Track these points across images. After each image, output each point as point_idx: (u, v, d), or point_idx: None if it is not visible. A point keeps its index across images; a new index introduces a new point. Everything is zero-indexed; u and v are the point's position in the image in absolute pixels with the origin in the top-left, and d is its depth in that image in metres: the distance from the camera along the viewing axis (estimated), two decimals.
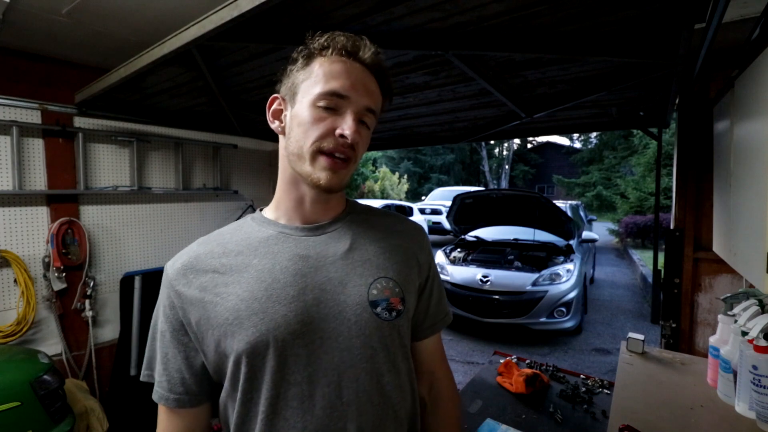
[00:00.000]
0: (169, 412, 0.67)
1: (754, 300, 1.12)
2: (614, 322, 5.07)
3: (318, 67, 0.65)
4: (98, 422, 2.06)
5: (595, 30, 1.20)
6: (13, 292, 2.10)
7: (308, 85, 0.65)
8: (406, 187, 20.20)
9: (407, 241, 0.76)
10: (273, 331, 0.60)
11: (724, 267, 1.81)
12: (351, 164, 0.66)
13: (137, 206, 2.62)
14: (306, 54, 0.67)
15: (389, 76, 0.71)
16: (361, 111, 0.65)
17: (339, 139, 0.63)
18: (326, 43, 0.65)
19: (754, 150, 1.05)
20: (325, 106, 0.63)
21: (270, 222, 0.71)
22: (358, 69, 0.66)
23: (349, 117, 0.63)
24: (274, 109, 0.72)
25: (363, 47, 0.67)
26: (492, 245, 5.34)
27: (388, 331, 0.66)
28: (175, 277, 0.66)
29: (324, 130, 0.63)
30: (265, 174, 3.57)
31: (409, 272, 0.72)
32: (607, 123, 2.45)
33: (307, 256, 0.66)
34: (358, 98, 0.64)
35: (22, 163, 2.12)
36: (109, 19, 1.75)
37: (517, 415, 1.42)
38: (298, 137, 0.65)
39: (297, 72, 0.67)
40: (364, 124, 0.67)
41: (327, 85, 0.63)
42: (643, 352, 1.47)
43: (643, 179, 11.87)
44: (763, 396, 0.97)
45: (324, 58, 0.65)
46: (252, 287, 0.63)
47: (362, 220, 0.76)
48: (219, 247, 0.68)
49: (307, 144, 0.64)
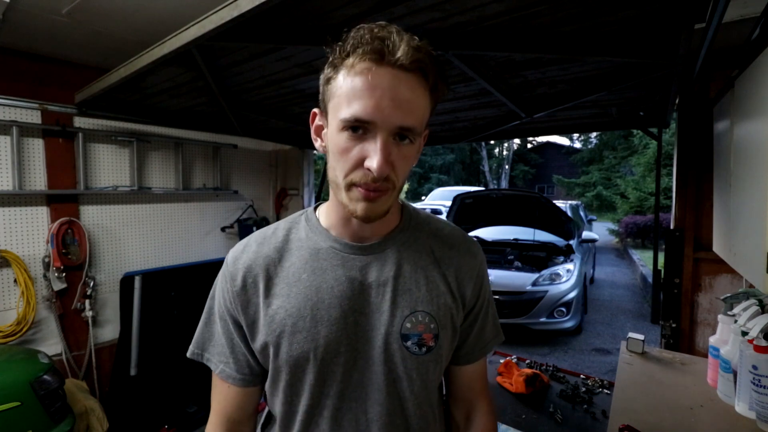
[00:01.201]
0: (233, 389, 0.70)
1: (754, 300, 1.12)
2: (614, 322, 5.07)
3: (341, 83, 0.56)
4: (98, 422, 2.06)
5: (595, 30, 1.20)
6: (13, 292, 2.10)
7: (334, 106, 0.57)
8: (406, 187, 20.20)
9: (456, 269, 0.71)
10: (314, 350, 0.63)
11: (724, 267, 1.80)
12: (391, 192, 0.60)
13: (137, 206, 2.62)
14: (330, 63, 0.58)
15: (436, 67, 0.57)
16: (394, 132, 0.56)
17: (368, 172, 0.56)
18: (349, 47, 0.55)
19: (754, 150, 1.05)
20: (352, 133, 0.56)
21: (323, 231, 0.69)
22: (386, 78, 0.54)
23: (378, 145, 0.55)
24: (316, 125, 0.65)
25: (392, 46, 0.53)
26: (492, 245, 5.34)
27: (414, 365, 0.65)
28: (234, 274, 0.67)
29: (352, 162, 0.56)
30: (265, 174, 3.57)
31: (450, 307, 0.69)
32: (607, 123, 2.45)
33: (353, 279, 0.66)
34: (386, 120, 0.54)
35: (22, 163, 2.12)
36: (109, 19, 1.75)
37: (517, 415, 1.42)
38: (332, 165, 0.60)
39: (324, 86, 0.60)
40: (404, 140, 0.57)
41: (349, 110, 0.54)
42: (643, 352, 1.47)
43: (643, 179, 11.87)
44: (763, 396, 0.97)
45: (348, 70, 0.55)
46: (299, 304, 0.64)
47: (414, 239, 0.71)
48: (275, 253, 0.68)
49: (340, 176, 0.58)
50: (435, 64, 0.57)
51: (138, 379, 2.37)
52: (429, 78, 0.57)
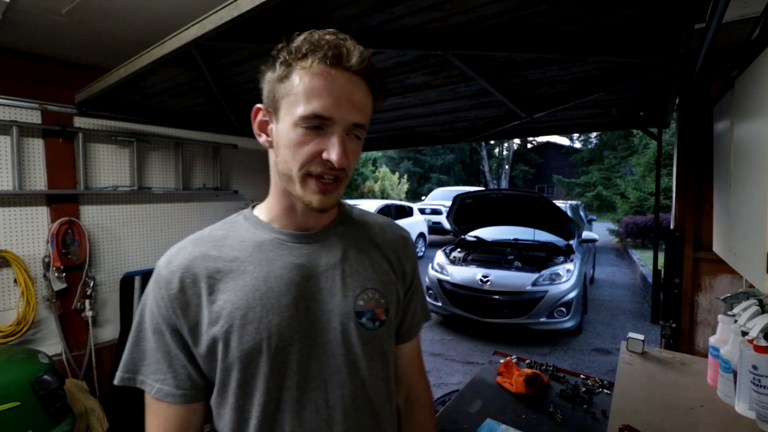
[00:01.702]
0: (173, 408, 0.64)
1: (754, 300, 1.12)
2: (614, 322, 5.07)
3: (298, 82, 0.59)
4: (98, 422, 2.06)
5: (595, 30, 1.20)
6: (13, 292, 2.10)
7: (289, 103, 0.60)
8: (406, 187, 20.19)
9: (395, 251, 0.78)
10: (266, 340, 0.62)
11: (724, 267, 1.80)
12: (342, 182, 0.65)
13: (137, 206, 2.62)
14: (283, 61, 0.61)
15: (380, 75, 0.64)
16: (348, 129, 0.61)
17: (326, 163, 0.60)
18: (305, 50, 0.59)
19: (754, 150, 1.05)
20: (309, 126, 0.59)
21: (264, 225, 0.70)
22: (342, 80, 0.59)
23: (336, 139, 0.60)
24: (260, 120, 0.67)
25: (347, 52, 0.59)
26: (492, 245, 5.34)
27: (370, 340, 0.69)
28: (169, 278, 0.64)
29: (310, 154, 0.60)
30: (265, 174, 3.53)
31: (394, 283, 0.75)
32: (607, 123, 2.45)
33: (301, 265, 0.67)
34: (343, 116, 0.60)
35: (22, 163, 2.12)
36: (109, 19, 1.75)
37: (517, 415, 1.42)
38: (285, 158, 0.62)
39: (276, 83, 0.62)
40: (354, 137, 0.64)
41: (308, 106, 0.58)
42: (643, 352, 1.46)
43: (643, 179, 11.87)
44: (763, 396, 0.97)
45: (304, 71, 0.59)
46: (247, 295, 0.63)
47: (354, 228, 0.76)
48: (214, 250, 0.66)
49: (295, 168, 0.61)
50: (379, 74, 0.64)
51: None
52: (374, 84, 0.64)
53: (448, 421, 1.38)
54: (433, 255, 5.53)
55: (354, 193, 17.37)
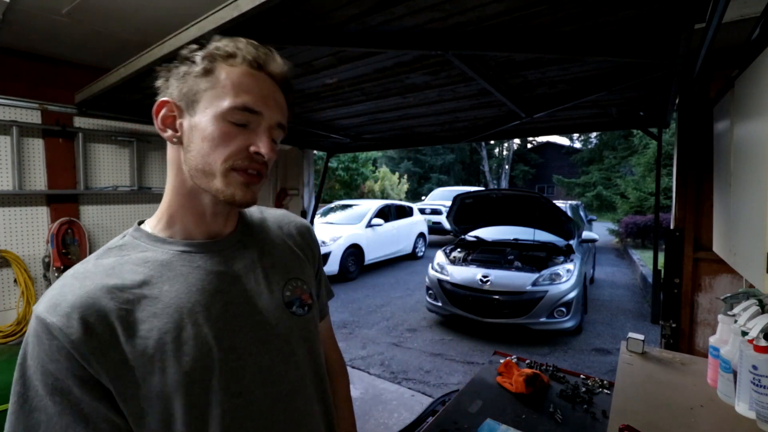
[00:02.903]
0: None
1: (754, 300, 1.12)
2: (614, 322, 5.07)
3: (225, 77, 0.60)
4: None
5: (595, 30, 1.20)
6: (13, 292, 2.10)
7: (213, 95, 0.59)
8: (406, 187, 20.20)
9: (300, 239, 0.82)
10: (208, 354, 0.58)
11: (724, 267, 1.81)
12: (263, 179, 0.65)
13: (137, 206, 2.62)
14: (207, 57, 0.60)
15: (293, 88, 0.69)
16: (273, 126, 0.63)
17: (255, 156, 0.61)
18: (232, 50, 0.61)
19: (754, 150, 1.05)
20: (236, 122, 0.59)
21: (165, 241, 0.64)
22: (268, 82, 0.63)
23: (264, 134, 0.61)
24: (164, 115, 0.64)
25: (273, 60, 0.63)
26: (492, 245, 5.34)
27: (305, 324, 0.73)
28: (64, 324, 0.52)
29: (236, 147, 0.60)
30: None
31: (308, 268, 0.80)
32: (607, 123, 2.45)
33: (220, 273, 0.64)
34: (270, 113, 0.62)
35: (22, 163, 2.12)
36: (109, 19, 1.75)
37: (517, 415, 1.42)
38: (203, 152, 0.60)
39: (196, 78, 0.60)
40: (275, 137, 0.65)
41: (238, 99, 0.59)
42: (643, 352, 1.47)
43: (643, 179, 11.87)
44: (763, 396, 0.97)
45: (231, 68, 0.60)
46: (173, 316, 0.57)
47: (258, 224, 0.77)
48: (112, 279, 0.57)
49: (217, 162, 0.60)
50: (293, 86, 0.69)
51: None
52: (288, 97, 0.67)
53: (448, 421, 1.38)
54: (433, 255, 5.53)
55: (354, 193, 17.37)
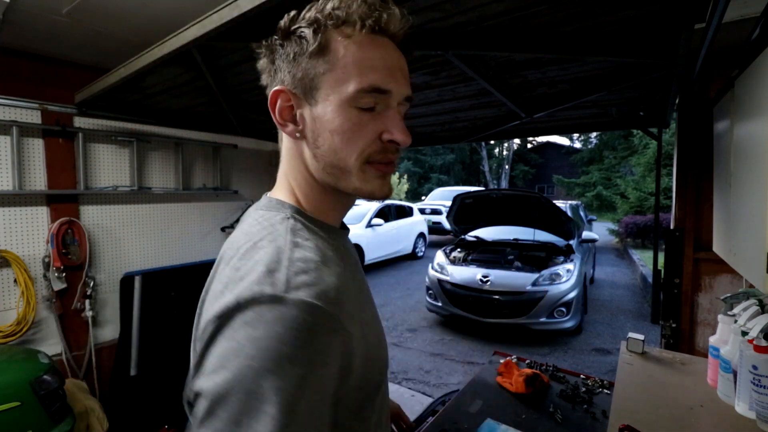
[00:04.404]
0: None
1: (754, 300, 1.12)
2: (614, 322, 5.08)
3: (343, 53, 0.49)
4: (98, 422, 2.06)
5: (595, 30, 1.20)
6: (13, 292, 2.10)
7: (334, 79, 0.50)
8: (406, 187, 20.19)
9: None
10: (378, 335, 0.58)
11: (724, 267, 1.80)
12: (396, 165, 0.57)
13: (137, 206, 2.62)
14: (318, 31, 0.50)
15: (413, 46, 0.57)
16: (401, 103, 0.54)
17: (388, 144, 0.52)
18: (345, 14, 0.49)
19: (754, 150, 1.05)
20: (364, 107, 0.50)
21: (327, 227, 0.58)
22: (391, 48, 0.52)
23: (396, 117, 0.52)
24: (282, 107, 0.54)
25: (393, 16, 0.51)
26: (492, 245, 5.34)
27: None
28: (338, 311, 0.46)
29: (369, 138, 0.51)
30: (265, 174, 3.56)
31: None
32: (607, 123, 2.45)
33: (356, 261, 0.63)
34: (399, 90, 0.52)
35: (22, 163, 2.12)
36: (109, 19, 1.75)
37: (517, 415, 1.42)
38: (335, 147, 0.51)
39: (311, 59, 0.50)
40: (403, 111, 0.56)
41: (365, 79, 0.49)
42: (643, 352, 1.46)
43: (643, 179, 11.87)
44: (763, 396, 0.97)
45: (348, 39, 0.50)
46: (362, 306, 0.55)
47: None
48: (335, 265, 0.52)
49: (351, 157, 0.51)
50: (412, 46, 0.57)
51: (138, 379, 2.37)
52: (411, 51, 0.56)
53: (448, 421, 1.38)
54: (433, 255, 5.53)
55: None
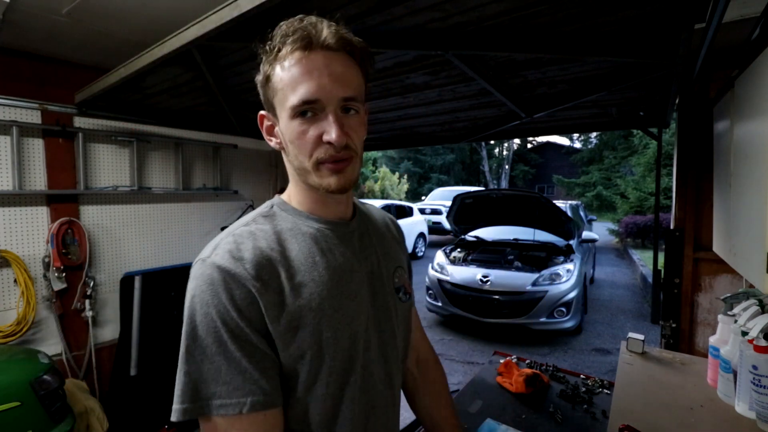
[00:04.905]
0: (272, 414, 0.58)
1: (754, 300, 1.12)
2: (614, 322, 5.07)
3: (280, 77, 0.60)
4: (98, 422, 2.06)
5: (595, 30, 1.20)
6: (13, 292, 2.10)
7: (279, 100, 0.61)
8: (406, 187, 20.19)
9: (396, 232, 0.88)
10: (350, 325, 0.65)
11: (724, 267, 1.80)
12: (354, 159, 0.64)
13: (137, 206, 2.62)
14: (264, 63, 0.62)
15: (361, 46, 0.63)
16: (340, 105, 0.60)
17: (328, 146, 0.60)
18: (278, 44, 0.60)
19: (754, 150, 1.05)
20: (304, 116, 0.60)
21: (307, 216, 0.69)
22: (319, 59, 0.59)
23: (330, 119, 0.59)
24: (267, 126, 0.69)
25: (317, 32, 0.59)
26: (492, 245, 5.34)
27: (405, 312, 0.79)
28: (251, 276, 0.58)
29: (312, 142, 0.60)
30: (265, 174, 3.57)
31: (406, 261, 0.86)
32: (607, 123, 2.45)
33: (354, 252, 0.70)
34: (330, 95, 0.59)
35: (22, 163, 2.12)
36: (109, 19, 1.75)
37: (517, 415, 1.42)
38: (295, 153, 0.63)
39: (264, 86, 0.63)
40: (350, 112, 0.62)
41: (295, 96, 0.58)
42: (643, 352, 1.47)
43: (643, 179, 11.87)
44: (763, 396, 0.97)
45: (282, 63, 0.60)
46: (328, 285, 0.64)
47: (368, 215, 0.82)
48: (275, 244, 0.63)
49: (305, 160, 0.62)
50: (357, 42, 0.63)
51: (138, 379, 2.37)
52: (356, 54, 0.63)
53: None
54: (433, 255, 5.53)
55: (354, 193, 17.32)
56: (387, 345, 0.72)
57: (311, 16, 0.61)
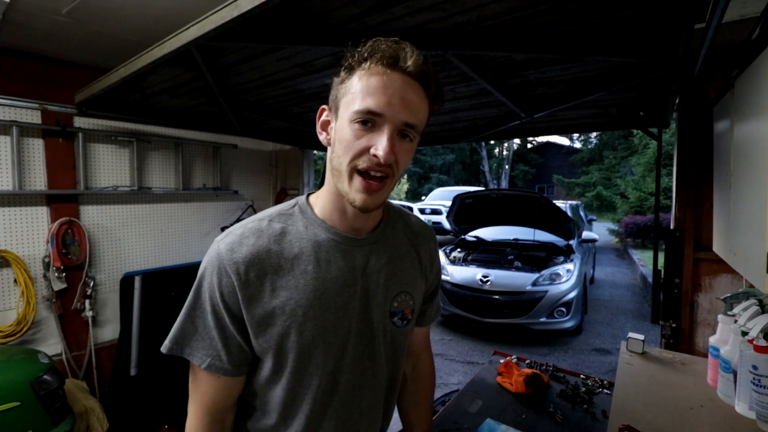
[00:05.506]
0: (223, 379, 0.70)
1: (754, 300, 1.12)
2: (614, 322, 5.07)
3: (357, 82, 0.63)
4: (98, 422, 2.06)
5: (595, 30, 1.20)
6: (13, 292, 2.10)
7: (347, 101, 0.64)
8: (406, 187, 20.19)
9: (424, 252, 0.86)
10: (323, 335, 0.69)
11: (724, 267, 1.80)
12: (388, 182, 0.66)
13: (137, 206, 2.62)
14: (347, 66, 0.65)
15: (435, 81, 0.68)
16: (400, 127, 0.63)
17: (373, 158, 0.63)
18: (366, 53, 0.63)
19: (754, 150, 1.05)
20: (362, 124, 0.62)
21: (320, 223, 0.73)
22: (397, 81, 0.63)
23: (385, 135, 0.62)
24: (323, 120, 0.71)
25: (404, 55, 0.63)
26: (492, 245, 5.34)
27: (398, 336, 0.80)
28: (236, 268, 0.66)
29: (360, 148, 0.63)
30: (265, 174, 3.57)
31: (422, 284, 0.85)
32: (607, 123, 2.45)
33: (353, 268, 0.72)
34: (394, 114, 0.62)
35: (22, 163, 2.12)
36: (109, 19, 1.75)
37: (517, 415, 1.42)
38: (338, 153, 0.65)
39: (338, 86, 0.67)
40: (406, 138, 0.66)
41: (363, 103, 0.61)
42: (643, 352, 1.46)
43: (643, 179, 11.87)
44: (763, 396, 0.97)
45: (363, 71, 0.63)
46: (308, 294, 0.68)
47: (396, 229, 0.82)
48: (275, 245, 0.69)
49: (345, 162, 0.64)
50: (435, 78, 0.67)
51: (138, 379, 2.37)
52: (430, 88, 0.67)
53: (448, 421, 1.38)
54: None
55: None
56: (365, 361, 0.75)
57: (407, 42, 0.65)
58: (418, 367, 0.98)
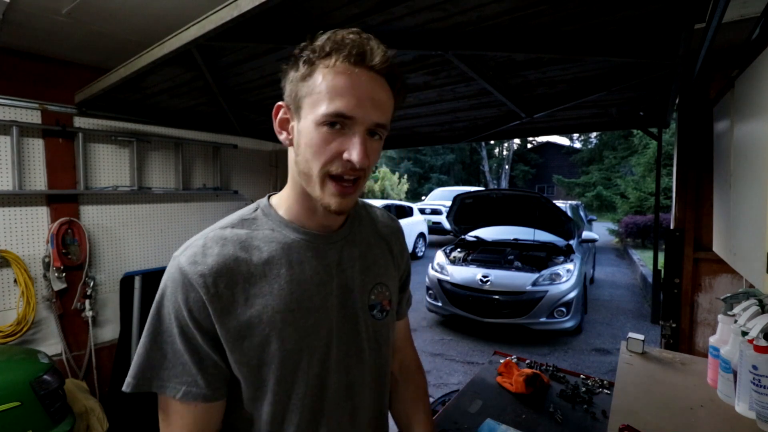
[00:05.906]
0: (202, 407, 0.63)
1: (754, 300, 1.12)
2: (614, 322, 5.07)
3: (321, 80, 0.59)
4: (98, 422, 2.06)
5: (595, 30, 1.20)
6: (13, 292, 2.10)
7: (312, 101, 0.60)
8: (406, 187, 20.18)
9: (393, 242, 0.85)
10: (305, 339, 0.66)
11: (724, 267, 1.80)
12: (360, 183, 0.65)
13: (137, 206, 2.62)
14: (307, 60, 0.60)
15: (401, 76, 0.64)
16: (370, 127, 0.61)
17: (347, 163, 0.60)
18: (328, 48, 0.59)
19: (754, 150, 1.05)
20: (331, 127, 0.59)
21: (287, 224, 0.69)
22: (365, 79, 0.59)
23: (357, 139, 0.60)
24: (281, 118, 0.67)
25: (370, 51, 0.59)
26: (492, 245, 5.34)
27: (380, 328, 0.77)
28: (201, 281, 0.61)
29: (331, 154, 0.60)
30: (265, 174, 3.57)
31: (395, 274, 0.84)
32: (607, 123, 2.45)
33: (327, 266, 0.70)
34: (365, 116, 0.59)
35: (22, 163, 2.12)
36: (109, 19, 1.75)
37: (517, 415, 1.42)
38: (306, 157, 0.62)
39: (299, 82, 0.62)
40: (375, 136, 0.63)
41: (331, 105, 0.58)
42: (643, 352, 1.46)
43: (643, 179, 11.88)
44: (763, 396, 0.97)
45: (327, 69, 0.59)
46: (285, 299, 0.64)
47: (364, 223, 0.81)
48: (242, 252, 0.65)
49: (315, 168, 0.61)
50: (400, 74, 0.64)
51: None
52: (396, 83, 0.64)
53: (448, 421, 1.38)
54: (433, 255, 5.53)
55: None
56: (350, 358, 0.72)
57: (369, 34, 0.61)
58: (404, 364, 0.95)
